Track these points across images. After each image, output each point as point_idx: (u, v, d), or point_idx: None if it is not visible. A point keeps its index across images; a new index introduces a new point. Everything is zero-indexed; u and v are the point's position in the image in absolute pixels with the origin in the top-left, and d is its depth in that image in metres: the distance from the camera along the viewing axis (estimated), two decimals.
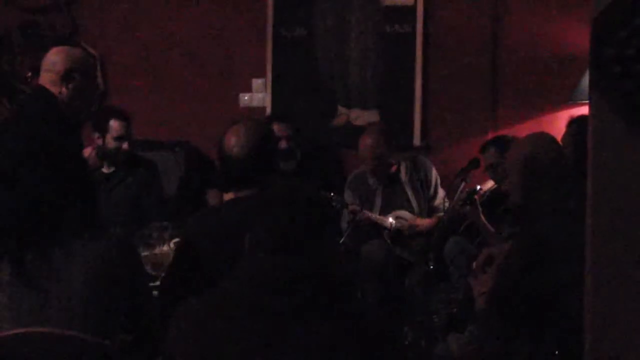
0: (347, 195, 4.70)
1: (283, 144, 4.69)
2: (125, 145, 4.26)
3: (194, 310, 1.79)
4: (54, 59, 3.18)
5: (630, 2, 1.40)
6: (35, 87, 3.24)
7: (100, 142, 4.28)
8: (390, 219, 4.56)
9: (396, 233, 4.54)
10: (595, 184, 1.51)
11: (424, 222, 4.56)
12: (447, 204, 4.46)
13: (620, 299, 1.49)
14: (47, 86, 3.14)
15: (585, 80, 3.54)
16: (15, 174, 2.00)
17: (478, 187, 4.31)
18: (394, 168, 4.63)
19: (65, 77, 3.14)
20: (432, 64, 5.16)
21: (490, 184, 4.45)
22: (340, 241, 4.20)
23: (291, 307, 1.72)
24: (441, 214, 4.53)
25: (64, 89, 3.13)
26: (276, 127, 4.69)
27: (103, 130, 4.25)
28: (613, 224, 1.50)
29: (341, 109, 5.31)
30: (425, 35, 5.14)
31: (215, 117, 5.36)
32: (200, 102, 5.54)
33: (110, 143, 4.25)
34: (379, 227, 4.57)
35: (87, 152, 4.33)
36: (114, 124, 4.23)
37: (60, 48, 3.30)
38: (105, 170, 4.34)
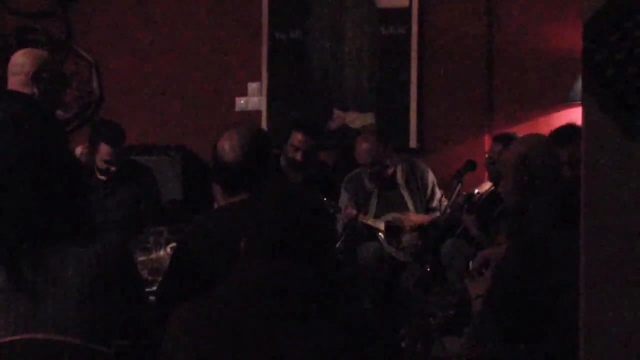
0: (343, 197, 4.70)
1: (298, 157, 4.65)
2: (112, 169, 4.25)
3: (189, 314, 1.78)
4: (21, 61, 3.20)
5: (622, 5, 1.41)
6: (8, 92, 3.22)
7: (93, 156, 4.27)
8: (384, 223, 4.56)
9: (390, 228, 4.53)
10: (588, 185, 1.51)
11: (419, 217, 4.56)
12: (444, 204, 4.47)
13: (615, 301, 1.49)
14: (18, 89, 3.15)
15: (580, 81, 3.55)
16: (6, 179, 1.98)
17: (476, 190, 4.31)
18: (390, 171, 4.63)
19: (35, 78, 3.16)
20: (427, 66, 5.17)
21: (487, 187, 4.45)
22: (337, 245, 4.20)
23: (287, 311, 1.71)
24: (438, 214, 4.53)
25: (35, 90, 3.15)
26: (299, 137, 4.65)
27: (94, 147, 4.25)
28: (607, 226, 1.50)
29: (337, 112, 5.32)
30: (421, 37, 5.15)
31: (211, 121, 5.39)
32: (196, 106, 5.55)
33: (100, 163, 4.26)
34: (373, 230, 4.57)
35: (79, 151, 4.33)
36: (103, 148, 4.23)
37: (25, 50, 3.33)
38: (100, 176, 4.33)
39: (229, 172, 2.53)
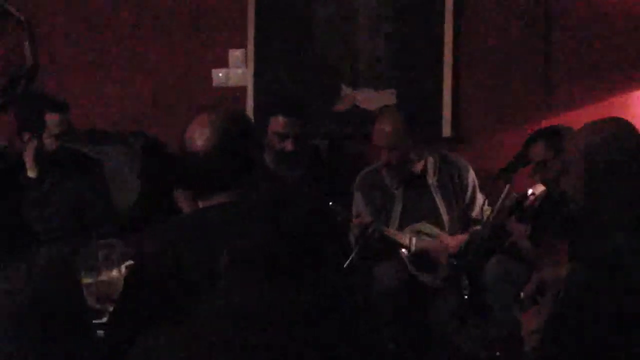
0: (357, 201, 4.71)
1: (289, 146, 4.66)
2: (66, 143, 4.27)
3: (154, 351, 1.81)
4: None
5: None
6: None
7: (34, 144, 4.27)
8: (409, 235, 4.56)
9: (418, 256, 4.53)
10: None
11: (456, 241, 4.56)
12: (487, 213, 4.46)
13: None
14: None
15: None
16: None
17: (530, 191, 4.31)
18: (418, 166, 4.63)
19: None
20: (466, 34, 5.18)
21: (542, 187, 4.45)
22: (346, 263, 4.20)
23: (279, 347, 1.73)
24: (479, 227, 4.53)
25: None
26: (281, 122, 4.66)
27: (37, 128, 4.26)
28: None
29: (345, 89, 5.32)
30: None
31: (181, 100, 5.42)
32: (162, 80, 5.57)
33: (50, 143, 4.26)
34: (395, 245, 4.57)
35: None
36: (52, 118, 4.25)
37: None
38: (31, 173, 4.33)
39: (200, 167, 2.53)
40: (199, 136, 2.52)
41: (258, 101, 5.39)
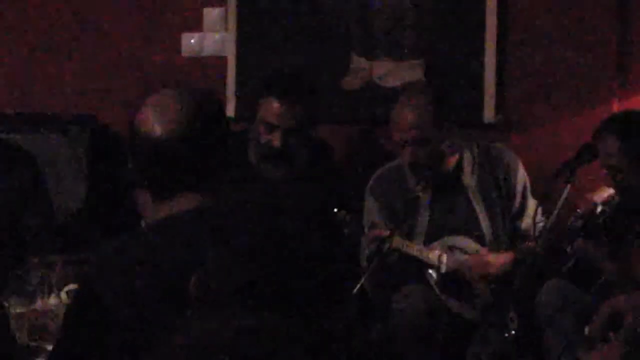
0: (370, 208, 4.73)
1: (276, 141, 4.63)
2: None
3: None
4: None
5: None
6: None
7: None
8: (439, 252, 4.57)
9: (450, 279, 4.54)
10: None
11: (500, 260, 4.58)
12: (541, 224, 4.47)
13: None
14: None
15: None
16: None
17: (599, 207, 4.31)
18: (451, 162, 4.63)
19: None
20: None
21: (607, 193, 4.45)
22: (356, 289, 4.21)
23: None
24: (531, 243, 4.54)
25: None
26: (274, 108, 4.64)
27: None
28: None
29: (358, 60, 5.35)
30: None
31: (140, 75, 5.43)
32: (115, 50, 5.60)
33: None
34: (421, 265, 4.59)
35: None
36: None
37: None
38: None
39: (159, 159, 2.55)
40: (157, 119, 2.53)
41: (242, 76, 5.43)
